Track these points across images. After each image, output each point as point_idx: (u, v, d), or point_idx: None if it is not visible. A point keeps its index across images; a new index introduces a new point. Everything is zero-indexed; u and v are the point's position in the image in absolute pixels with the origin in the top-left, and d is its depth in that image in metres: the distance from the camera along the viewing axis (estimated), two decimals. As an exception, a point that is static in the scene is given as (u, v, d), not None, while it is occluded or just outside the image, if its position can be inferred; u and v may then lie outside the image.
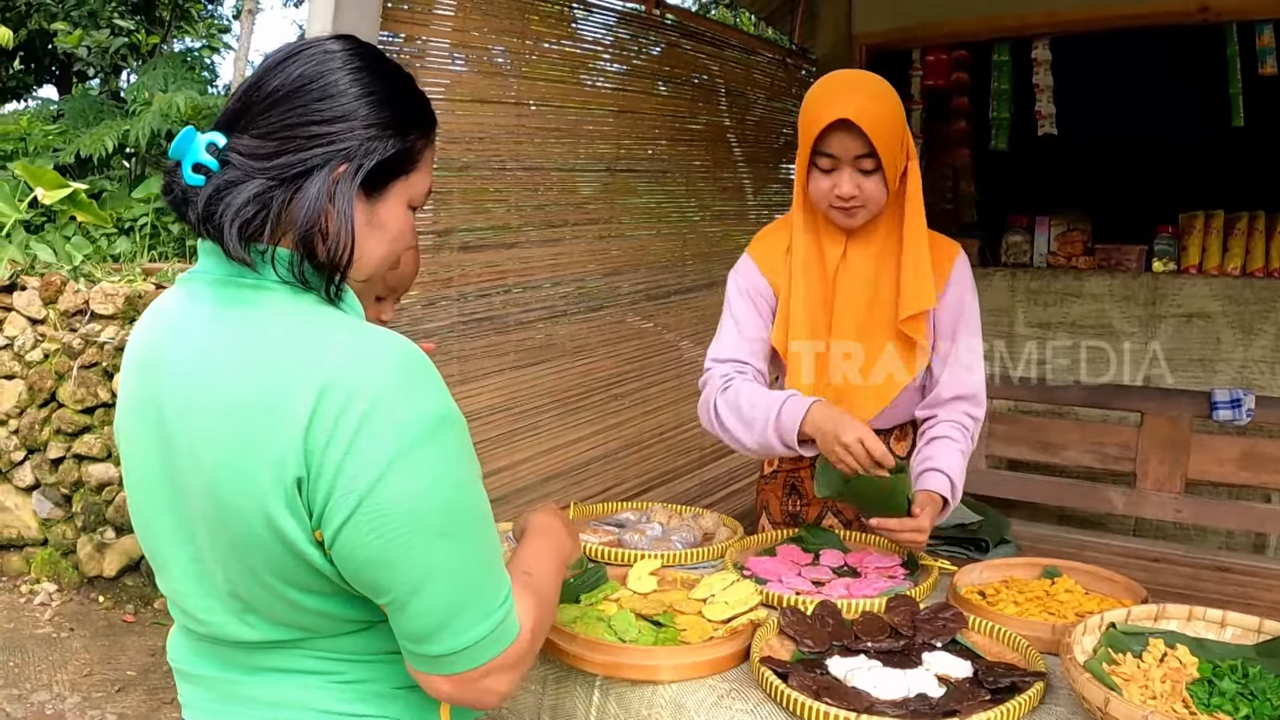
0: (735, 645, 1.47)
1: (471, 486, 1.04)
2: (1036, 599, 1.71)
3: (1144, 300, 4.25)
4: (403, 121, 1.09)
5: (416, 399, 1.00)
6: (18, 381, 4.77)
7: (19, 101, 9.70)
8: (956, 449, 1.97)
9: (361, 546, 0.98)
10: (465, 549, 1.02)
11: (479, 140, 3.17)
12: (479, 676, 1.05)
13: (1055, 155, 4.83)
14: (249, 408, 0.99)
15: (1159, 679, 1.31)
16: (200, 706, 1.15)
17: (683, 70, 4.03)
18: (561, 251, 3.53)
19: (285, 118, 1.03)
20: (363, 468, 0.96)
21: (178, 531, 1.09)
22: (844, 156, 1.85)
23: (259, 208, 1.01)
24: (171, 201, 1.06)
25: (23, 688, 3.69)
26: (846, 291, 1.99)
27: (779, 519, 2.25)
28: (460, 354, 3.16)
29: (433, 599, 1.01)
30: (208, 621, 1.10)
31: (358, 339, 1.02)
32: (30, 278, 4.86)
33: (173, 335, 1.09)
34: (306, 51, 1.06)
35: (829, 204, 1.91)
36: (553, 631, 1.50)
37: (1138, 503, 3.57)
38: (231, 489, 1.00)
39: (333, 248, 1.04)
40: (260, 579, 1.04)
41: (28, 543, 4.76)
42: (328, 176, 1.03)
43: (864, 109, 1.80)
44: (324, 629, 1.08)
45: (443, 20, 2.98)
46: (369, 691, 1.11)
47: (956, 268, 2.01)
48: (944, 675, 1.38)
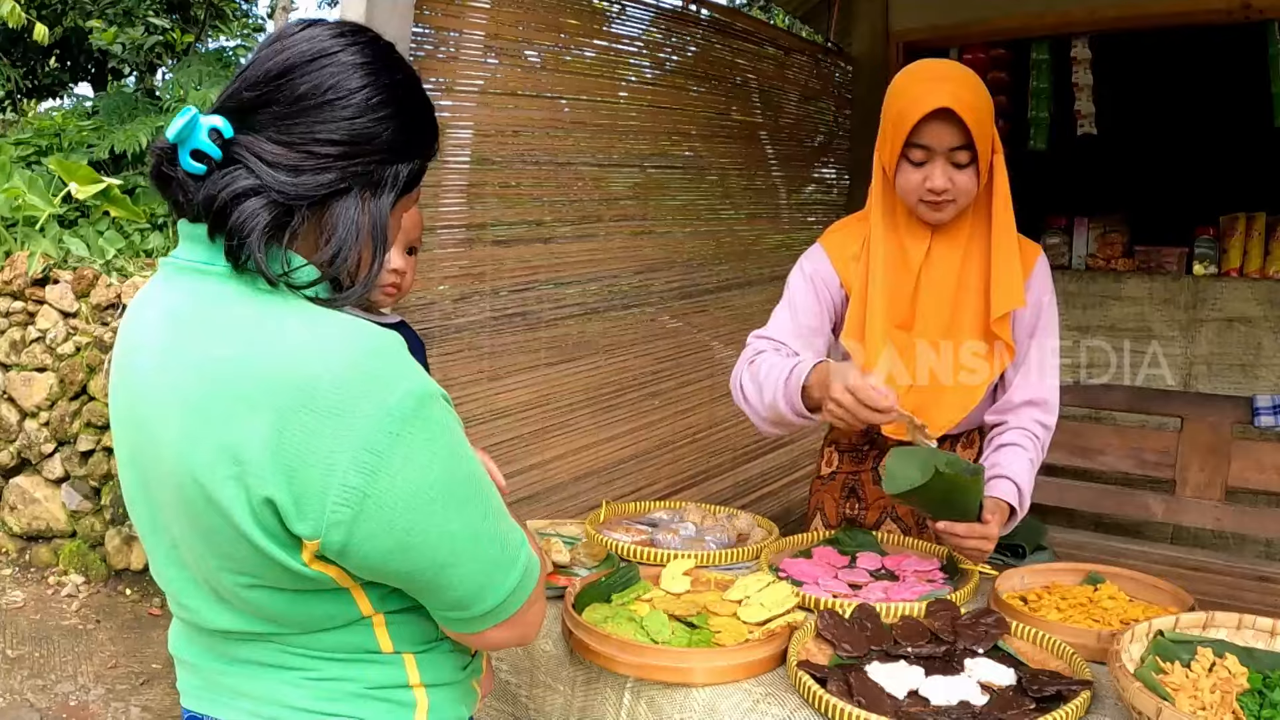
0: (771, 648, 1.43)
1: (464, 454, 1.04)
2: (1080, 605, 1.66)
3: (1184, 304, 4.17)
4: (421, 144, 1.09)
5: (390, 387, 0.97)
6: (49, 374, 4.80)
7: (56, 99, 9.81)
8: (1026, 457, 1.89)
9: (378, 543, 0.97)
10: (475, 511, 1.04)
11: (513, 135, 3.15)
12: (525, 611, 1.12)
13: (1094, 155, 4.75)
14: (206, 401, 0.97)
15: (1208, 689, 1.26)
16: (194, 694, 1.15)
17: (718, 68, 3.99)
18: (594, 248, 3.51)
19: (313, 130, 1.00)
20: (353, 472, 0.94)
21: (155, 518, 1.08)
22: (939, 148, 1.77)
23: (283, 223, 0.99)
24: (159, 183, 1.02)
25: (48, 679, 3.70)
26: (931, 289, 1.90)
27: (834, 523, 2.16)
28: (492, 350, 3.14)
29: (464, 568, 1.03)
30: (190, 608, 1.10)
31: (316, 328, 0.99)
32: (63, 271, 4.89)
33: (145, 321, 1.07)
34: (338, 57, 1.02)
35: (918, 198, 1.83)
36: (583, 631, 1.48)
37: (1177, 510, 3.50)
38: (191, 481, 0.98)
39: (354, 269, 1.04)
40: (224, 578, 1.03)
41: (56, 535, 4.80)
42: (358, 204, 1.03)
43: (961, 98, 1.73)
44: (296, 625, 1.07)
45: (478, 14, 2.97)
46: (343, 691, 1.09)
47: (1038, 269, 1.94)
48: (987, 682, 1.33)
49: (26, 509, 4.81)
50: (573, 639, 1.50)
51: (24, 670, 3.75)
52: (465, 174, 3.04)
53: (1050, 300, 1.96)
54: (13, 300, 4.98)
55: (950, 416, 1.94)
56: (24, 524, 4.82)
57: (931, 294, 1.90)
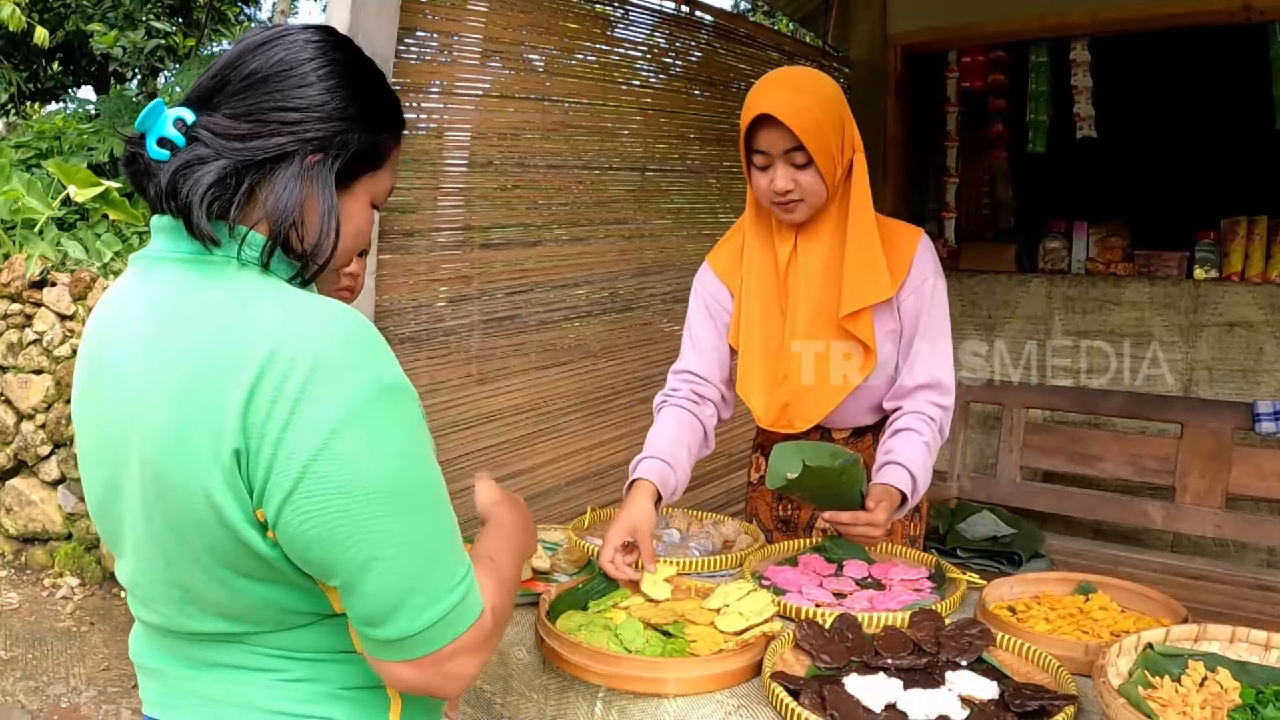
0: (746, 659, 1.40)
1: (421, 459, 1.00)
2: (1069, 616, 1.62)
3: (1185, 308, 4.14)
4: (375, 118, 1.10)
5: (360, 368, 0.96)
6: (45, 376, 4.79)
7: (58, 102, 9.82)
8: (920, 441, 1.90)
9: (305, 522, 0.94)
10: (415, 523, 0.98)
11: (510, 139, 3.13)
12: (441, 660, 1.01)
13: (1094, 159, 4.72)
14: (189, 384, 0.97)
15: (1199, 704, 1.22)
16: (156, 701, 1.12)
17: (717, 73, 3.97)
18: (589, 251, 3.49)
19: (261, 100, 1.03)
20: (304, 439, 0.93)
21: (126, 518, 1.06)
22: (774, 151, 1.84)
23: (230, 187, 1.00)
24: (131, 174, 1.04)
25: (40, 680, 3.69)
26: (798, 288, 1.96)
27: (769, 525, 2.20)
28: (482, 353, 3.12)
29: (383, 577, 0.96)
30: (158, 611, 1.08)
31: (297, 310, 0.99)
32: (61, 274, 4.88)
33: (120, 317, 1.06)
34: (288, 37, 1.07)
35: (770, 200, 1.90)
36: (555, 640, 1.45)
37: (1177, 517, 3.46)
38: (172, 468, 0.98)
39: (314, 238, 1.05)
40: (201, 564, 1.01)
41: (52, 537, 4.78)
42: (301, 164, 1.03)
43: (788, 104, 1.79)
44: (267, 622, 1.05)
45: (475, 18, 2.95)
46: (315, 691, 1.07)
47: (919, 254, 1.95)
48: (968, 696, 1.30)
49: (23, 511, 4.80)
50: (544, 647, 1.48)
51: (17, 672, 3.74)
52: (460, 177, 3.02)
53: (936, 283, 1.96)
54: (10, 302, 4.97)
55: (820, 409, 1.98)
56: (20, 526, 4.81)
57: (799, 292, 1.96)
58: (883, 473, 1.87)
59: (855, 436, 2.11)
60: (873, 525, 1.76)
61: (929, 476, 1.90)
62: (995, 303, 4.59)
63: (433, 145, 2.95)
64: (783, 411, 2.00)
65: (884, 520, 1.77)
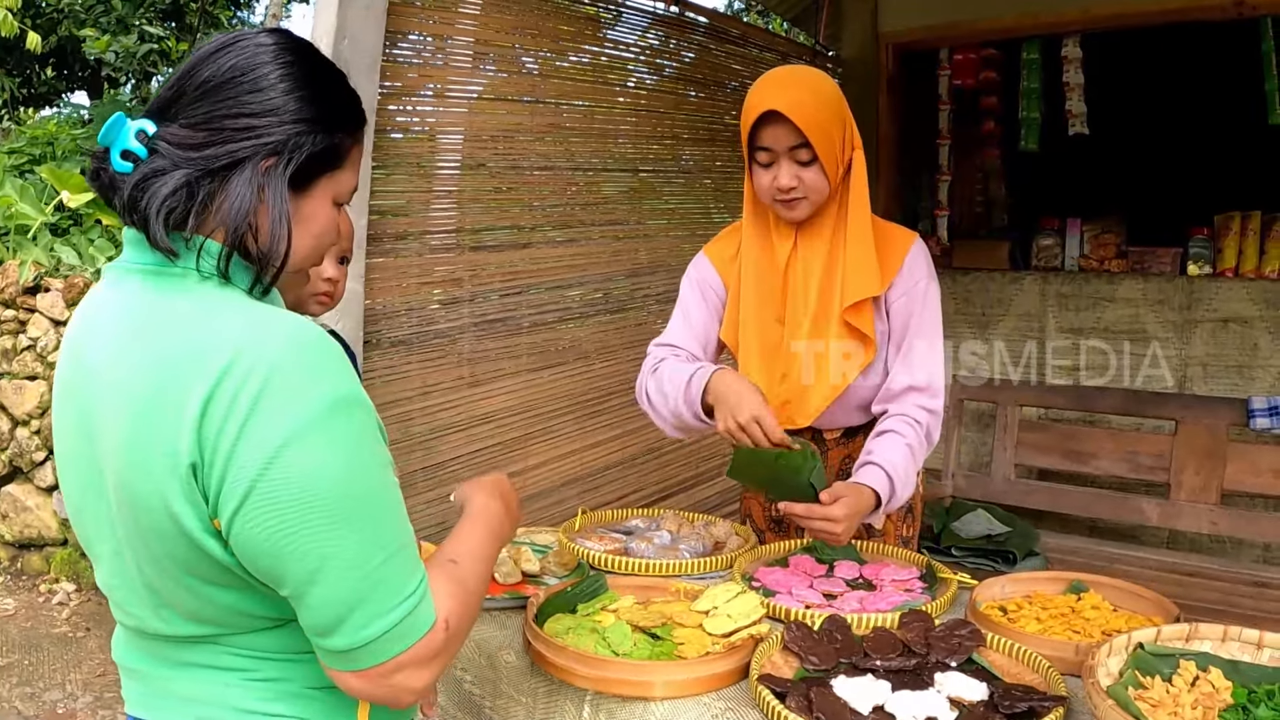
0: (733, 661, 1.39)
1: (370, 472, 1.00)
2: (1061, 616, 1.62)
3: (1178, 305, 4.14)
4: (331, 118, 1.09)
5: (312, 381, 0.97)
6: (40, 382, 4.79)
7: (51, 107, 9.82)
8: (903, 443, 1.88)
9: (255, 534, 0.96)
10: (362, 537, 0.98)
11: (503, 141, 3.13)
12: (388, 672, 1.01)
13: (1087, 156, 4.72)
14: (150, 395, 0.98)
15: (1189, 704, 1.22)
16: (137, 702, 1.15)
17: (709, 73, 3.97)
18: (582, 252, 3.49)
19: (215, 109, 1.03)
20: (254, 451, 0.94)
21: (101, 523, 1.08)
22: (778, 148, 1.84)
23: (185, 197, 1.01)
24: (99, 188, 1.04)
25: (36, 686, 3.68)
26: (798, 285, 1.96)
27: (762, 526, 2.19)
28: (474, 355, 3.11)
29: (330, 590, 0.97)
30: (133, 614, 1.10)
31: (255, 321, 1.01)
32: (54, 280, 4.88)
33: (93, 325, 1.08)
34: (240, 44, 1.06)
35: (772, 197, 1.89)
36: (542, 643, 1.44)
37: (1172, 514, 3.46)
38: (136, 478, 0.99)
39: (267, 242, 1.04)
40: (169, 572, 1.03)
41: (48, 543, 4.78)
42: (255, 169, 1.03)
43: (794, 100, 1.80)
44: (236, 625, 1.06)
45: (467, 20, 2.95)
46: (283, 690, 1.09)
47: (911, 256, 1.96)
48: (957, 698, 1.29)
49: (18, 517, 4.79)
50: (532, 650, 1.47)
51: (13, 678, 3.73)
52: (452, 179, 3.01)
53: (928, 286, 1.96)
54: (4, 309, 4.97)
55: (816, 405, 1.98)
56: (15, 532, 4.80)
57: (798, 289, 1.96)
58: (859, 472, 1.85)
59: (846, 437, 2.10)
60: (829, 520, 1.72)
61: (911, 479, 1.88)
62: (989, 300, 4.59)
63: (424, 148, 2.95)
64: (782, 408, 1.99)
65: (841, 516, 1.72)
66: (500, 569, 1.77)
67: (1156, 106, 5.07)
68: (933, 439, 1.95)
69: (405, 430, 2.92)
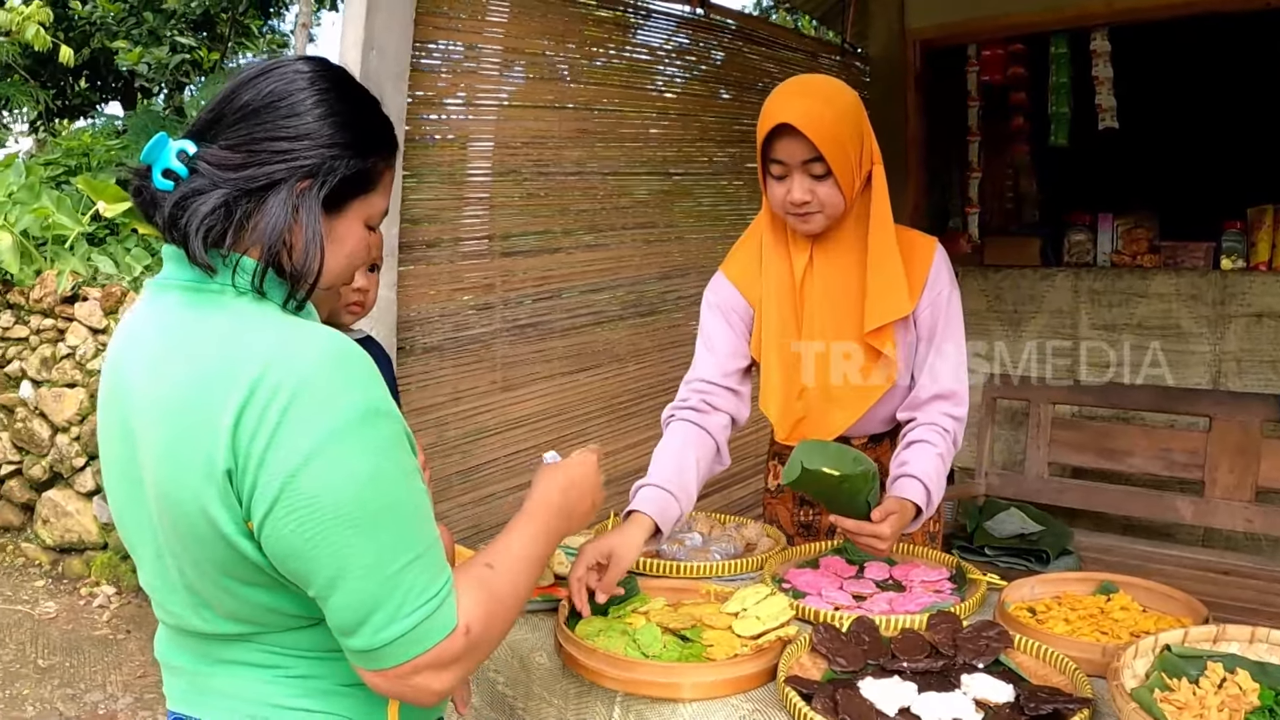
0: (762, 663, 1.41)
1: (394, 480, 1.04)
2: (1090, 617, 1.61)
3: (1212, 299, 4.09)
4: (364, 143, 1.14)
5: (339, 392, 1.01)
6: (79, 389, 4.88)
7: (86, 119, 9.97)
8: (934, 453, 1.88)
9: (282, 537, 1.01)
10: (382, 543, 1.02)
11: (534, 146, 3.16)
12: (407, 674, 1.05)
13: (1117, 150, 4.68)
14: (187, 407, 1.03)
15: (1215, 707, 1.21)
16: (179, 698, 1.19)
17: (738, 73, 3.98)
18: (613, 255, 3.51)
19: (253, 131, 1.08)
20: (282, 459, 0.99)
21: (142, 527, 1.13)
22: (792, 162, 1.81)
23: (223, 216, 1.05)
24: (140, 204, 1.09)
25: (77, 687, 3.76)
26: (814, 299, 1.94)
27: (791, 531, 2.18)
28: (507, 360, 3.14)
29: (351, 592, 1.02)
30: (174, 613, 1.15)
31: (287, 335, 1.05)
32: (92, 289, 4.97)
33: (135, 338, 1.13)
34: (279, 70, 1.12)
35: (785, 211, 1.86)
36: (573, 645, 1.47)
37: (1206, 512, 3.42)
38: (174, 485, 1.04)
39: (300, 260, 1.09)
40: (207, 574, 1.07)
41: (88, 547, 4.86)
42: (290, 191, 1.08)
43: (808, 113, 1.76)
44: (271, 623, 1.11)
45: (495, 29, 2.98)
46: (316, 687, 1.13)
47: (935, 266, 1.93)
48: (983, 700, 1.30)
49: (59, 522, 4.88)
50: (563, 652, 1.50)
51: (55, 679, 3.80)
52: (482, 186, 3.05)
53: (951, 294, 1.95)
54: (43, 318, 5.07)
55: (840, 423, 1.97)
56: (56, 536, 4.89)
57: (815, 303, 1.94)
58: (897, 485, 1.85)
59: (872, 443, 2.10)
60: (877, 538, 1.74)
61: (943, 487, 1.89)
62: (1021, 298, 4.55)
63: (454, 155, 2.98)
64: (797, 425, 1.99)
65: (889, 534, 1.74)
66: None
67: (1187, 99, 5.02)
68: (957, 445, 1.95)
69: (440, 435, 2.96)
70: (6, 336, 5.15)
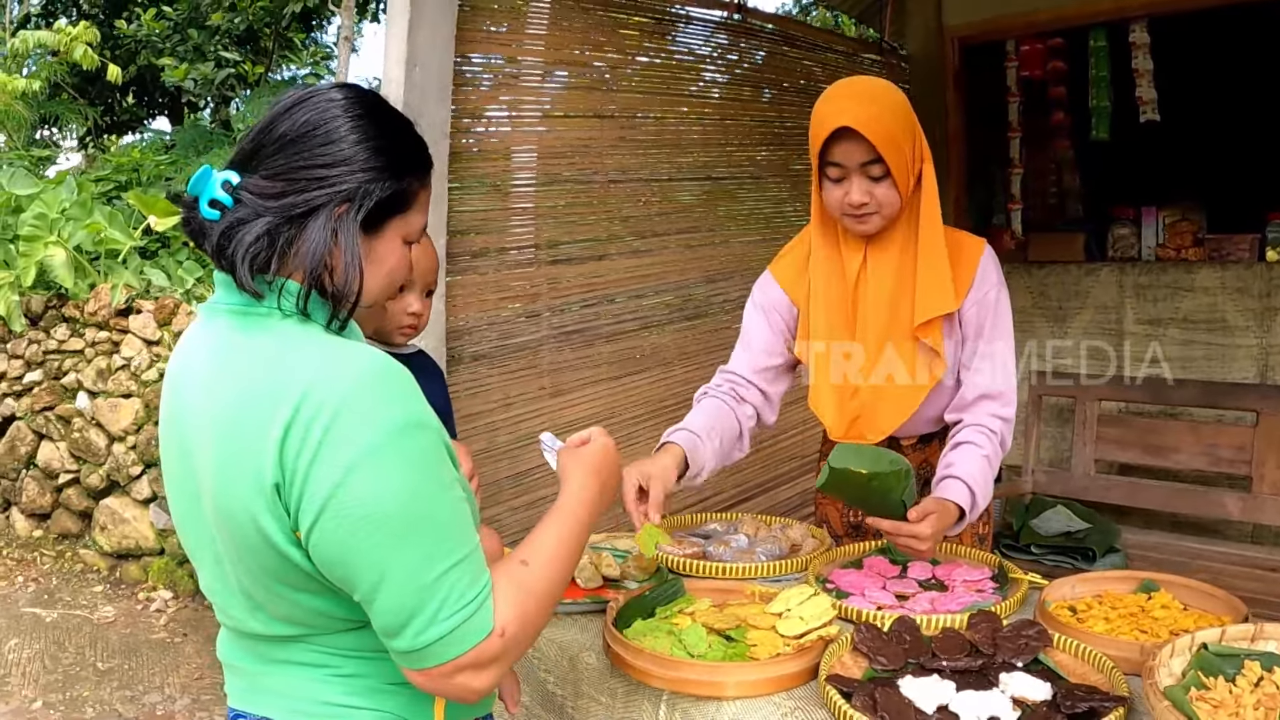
0: (803, 662, 1.44)
1: (433, 490, 1.09)
2: (1130, 616, 1.62)
3: (1258, 292, 4.04)
4: (399, 165, 1.18)
5: (379, 407, 1.07)
6: (135, 400, 5.00)
7: (134, 134, 10.20)
8: (980, 455, 1.89)
9: (328, 546, 1.07)
10: (422, 552, 1.07)
11: (577, 154, 3.20)
12: (449, 673, 1.10)
13: (1159, 142, 4.63)
14: (238, 424, 1.10)
15: (1251, 705, 1.21)
16: (239, 694, 1.27)
17: (779, 74, 4.00)
18: (659, 260, 3.54)
19: (292, 160, 1.13)
20: (326, 473, 1.04)
21: (202, 537, 1.20)
22: (850, 164, 1.84)
23: (267, 244, 1.11)
24: (190, 234, 1.15)
25: (136, 689, 3.86)
26: (868, 299, 1.96)
27: (840, 531, 2.20)
28: (554, 366, 3.18)
29: (392, 598, 1.07)
30: (233, 616, 1.21)
31: (329, 355, 1.11)
32: (145, 301, 5.09)
33: (189, 360, 1.21)
34: (312, 100, 1.16)
35: (842, 212, 1.89)
36: (620, 645, 1.51)
37: (1254, 508, 3.39)
38: (228, 497, 1.11)
39: (341, 283, 1.14)
40: (260, 579, 1.14)
41: (145, 552, 4.98)
42: (330, 215, 1.13)
43: (866, 115, 1.79)
44: (321, 626, 1.17)
45: (534, 41, 3.03)
46: (364, 686, 1.19)
47: (982, 265, 1.95)
48: (1020, 698, 1.31)
49: (116, 529, 5.01)
50: (611, 653, 1.54)
51: (114, 682, 3.91)
52: (527, 195, 3.10)
53: (999, 294, 1.96)
54: (98, 330, 5.20)
55: (892, 420, 1.99)
56: (114, 543, 5.02)
57: (869, 302, 1.96)
58: (941, 487, 1.86)
59: (922, 444, 2.12)
60: (916, 538, 1.74)
61: (989, 489, 1.89)
62: (1066, 294, 4.52)
63: (499, 165, 3.03)
64: (853, 424, 2.01)
65: (929, 534, 1.74)
66: (581, 574, 1.83)
67: (1229, 89, 4.95)
68: (1006, 445, 1.95)
69: (490, 440, 3.01)
70: (63, 349, 5.30)
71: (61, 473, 5.20)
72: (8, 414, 5.40)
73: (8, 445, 5.35)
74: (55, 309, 5.36)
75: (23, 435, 5.32)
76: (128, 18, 9.43)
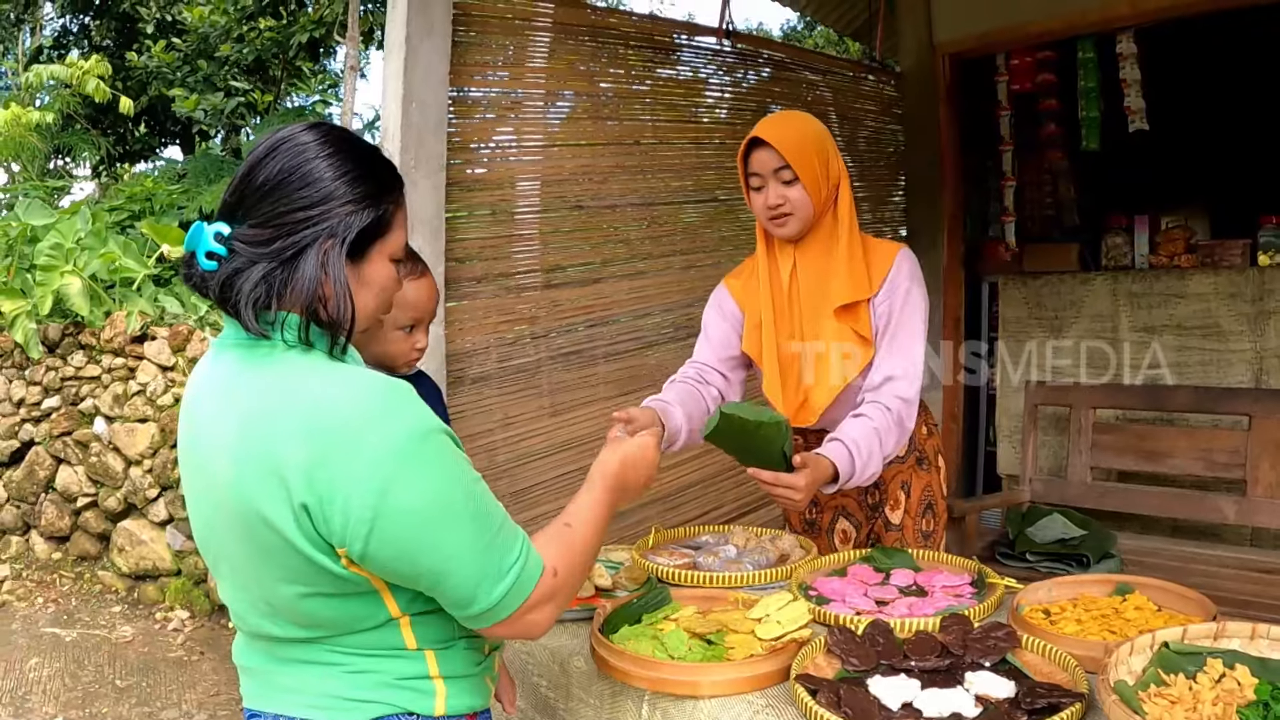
0: (777, 663, 1.51)
1: (461, 480, 1.22)
2: (1102, 617, 1.66)
3: (1250, 297, 4.08)
4: (375, 192, 1.27)
5: (391, 422, 1.18)
6: (150, 424, 5.10)
7: (146, 163, 10.35)
8: (870, 425, 2.05)
9: (388, 554, 1.18)
10: (469, 531, 1.21)
11: (571, 180, 3.27)
12: (521, 615, 1.27)
13: (1149, 152, 4.68)
14: (251, 451, 1.19)
15: (1210, 700, 1.25)
16: (253, 695, 1.36)
17: (773, 96, 4.06)
18: (659, 281, 3.61)
19: (275, 207, 1.21)
20: (368, 493, 1.15)
21: (221, 549, 1.30)
22: (765, 171, 2.12)
23: (265, 288, 1.20)
24: (192, 285, 1.24)
25: (153, 706, 3.94)
26: (800, 296, 2.21)
27: (799, 529, 2.42)
28: (552, 387, 3.25)
29: (458, 576, 1.21)
30: (250, 622, 1.32)
31: (330, 381, 1.21)
32: (159, 328, 5.20)
33: (200, 393, 1.31)
34: (284, 145, 1.24)
35: (766, 217, 2.15)
36: (604, 648, 1.59)
37: (1249, 511, 3.42)
38: (246, 513, 1.20)
39: (334, 312, 1.23)
40: (280, 586, 1.24)
41: (162, 573, 5.07)
42: (318, 251, 1.22)
43: (777, 132, 2.10)
44: (341, 627, 1.27)
45: (536, 74, 3.11)
46: (375, 681, 1.29)
47: (896, 262, 2.17)
48: (984, 695, 1.37)
49: (134, 550, 5.10)
50: (597, 656, 1.62)
51: (132, 699, 3.99)
52: (528, 222, 3.18)
53: (911, 287, 2.16)
54: (114, 357, 5.31)
55: (819, 404, 2.20)
56: (132, 564, 5.11)
57: (801, 300, 2.21)
58: (823, 446, 2.02)
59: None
60: (791, 489, 1.90)
61: (876, 458, 2.04)
62: (1061, 303, 4.57)
63: (496, 194, 3.11)
64: (801, 408, 2.22)
65: (802, 485, 1.90)
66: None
67: (1218, 96, 5.00)
68: (905, 425, 2.11)
69: (490, 459, 3.09)
70: (80, 375, 5.41)
71: (80, 496, 5.30)
72: (27, 439, 5.51)
73: (27, 470, 5.46)
74: (72, 336, 5.47)
75: (42, 460, 5.42)
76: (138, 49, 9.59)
